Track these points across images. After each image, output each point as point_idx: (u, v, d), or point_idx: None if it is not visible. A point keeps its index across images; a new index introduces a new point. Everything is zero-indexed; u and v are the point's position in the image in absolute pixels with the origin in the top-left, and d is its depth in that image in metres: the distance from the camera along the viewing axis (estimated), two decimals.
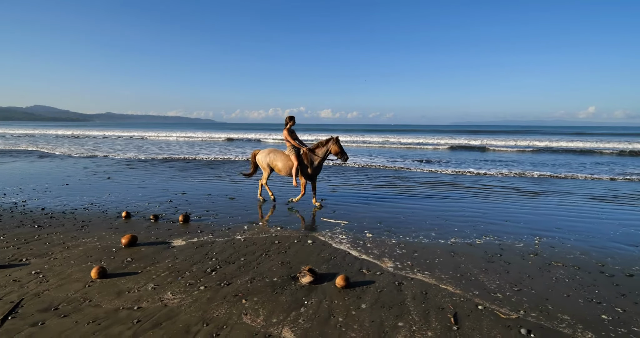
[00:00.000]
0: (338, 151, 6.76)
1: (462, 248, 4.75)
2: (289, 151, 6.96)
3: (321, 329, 2.73)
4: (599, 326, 2.87)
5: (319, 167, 6.95)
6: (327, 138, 6.93)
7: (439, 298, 3.31)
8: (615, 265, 4.24)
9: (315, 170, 6.93)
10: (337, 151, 6.77)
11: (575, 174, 12.14)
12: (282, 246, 4.70)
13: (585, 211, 6.94)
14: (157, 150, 20.31)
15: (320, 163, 6.92)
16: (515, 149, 22.76)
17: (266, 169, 7.32)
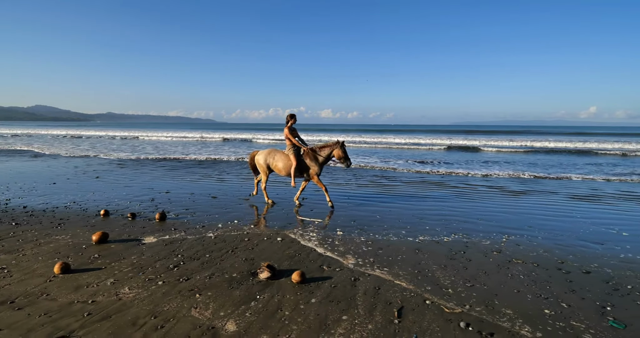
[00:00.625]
0: (342, 156, 6.71)
1: (428, 245, 4.83)
2: (288, 150, 6.87)
3: (265, 322, 2.81)
4: (538, 320, 2.94)
5: (320, 167, 6.88)
6: (334, 140, 6.87)
7: (390, 293, 3.38)
8: (575, 262, 4.31)
9: (319, 168, 6.86)
10: (341, 156, 6.71)
11: (562, 174, 12.21)
12: (251, 243, 4.79)
13: (562, 210, 7.01)
14: (151, 150, 20.43)
15: (322, 164, 6.86)
16: (510, 150, 22.79)
17: (265, 173, 7.17)
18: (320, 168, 6.85)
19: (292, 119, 6.90)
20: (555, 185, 10.05)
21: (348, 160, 6.73)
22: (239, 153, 19.10)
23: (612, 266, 4.21)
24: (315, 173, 6.82)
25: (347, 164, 6.71)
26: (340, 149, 6.71)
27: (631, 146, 25.33)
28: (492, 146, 25.64)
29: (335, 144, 6.78)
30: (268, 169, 7.14)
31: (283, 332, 2.68)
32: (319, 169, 6.81)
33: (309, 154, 6.82)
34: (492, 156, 19.80)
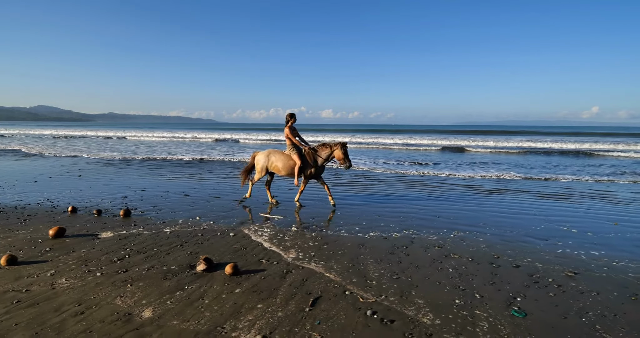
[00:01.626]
0: (341, 157, 6.66)
1: (375, 241, 4.99)
2: (289, 150, 6.84)
3: (181, 309, 2.99)
4: (445, 309, 3.10)
5: (321, 168, 6.90)
6: (335, 141, 6.85)
7: (315, 284, 3.55)
8: (510, 257, 4.46)
9: (317, 170, 6.86)
10: (341, 157, 6.66)
11: (542, 175, 12.30)
12: (203, 238, 4.96)
13: (524, 208, 7.14)
14: (144, 150, 20.65)
15: (322, 164, 6.86)
16: (502, 151, 22.83)
17: (260, 172, 7.13)
18: (318, 169, 6.85)
19: (292, 118, 6.89)
20: (531, 185, 10.17)
21: (348, 162, 6.67)
22: (227, 153, 19.30)
23: (544, 260, 4.36)
24: (310, 173, 6.83)
25: (346, 166, 6.68)
26: (341, 150, 6.66)
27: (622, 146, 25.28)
28: (485, 147, 25.69)
29: (335, 145, 6.74)
30: (266, 169, 7.08)
31: (194, 318, 2.85)
32: (314, 170, 6.81)
33: (309, 154, 6.82)
34: (483, 157, 19.91)
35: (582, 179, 11.22)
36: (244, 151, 21.38)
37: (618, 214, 6.78)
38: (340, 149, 6.65)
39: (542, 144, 27.46)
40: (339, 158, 6.65)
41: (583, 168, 14.08)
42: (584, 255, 4.57)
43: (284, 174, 6.94)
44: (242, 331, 2.68)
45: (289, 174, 6.85)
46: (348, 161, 6.66)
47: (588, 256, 4.51)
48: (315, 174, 6.90)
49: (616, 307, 3.21)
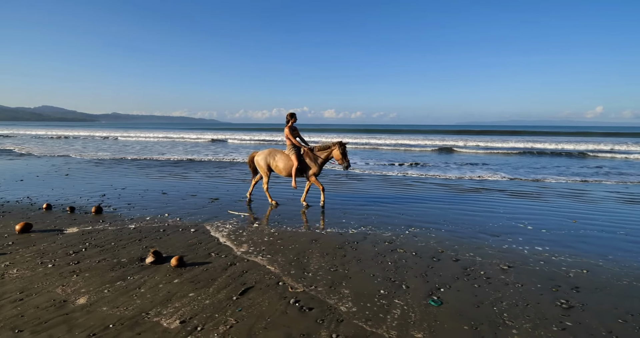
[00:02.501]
0: (340, 157, 6.63)
1: (329, 237, 5.17)
2: (288, 150, 6.81)
3: (115, 297, 3.19)
4: (365, 298, 3.28)
5: (320, 167, 6.86)
6: (334, 141, 6.83)
7: (253, 276, 3.74)
8: (454, 252, 4.62)
9: (319, 169, 6.85)
10: (339, 157, 6.64)
11: (524, 176, 12.41)
12: (163, 234, 5.16)
13: (491, 206, 7.28)
14: (138, 150, 20.94)
15: (321, 164, 6.84)
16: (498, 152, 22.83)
17: (266, 173, 7.04)
18: (319, 169, 6.82)
19: (293, 118, 6.85)
20: (508, 184, 10.28)
21: (346, 162, 6.64)
22: (218, 153, 19.53)
23: (486, 255, 4.51)
24: (313, 173, 6.79)
25: (345, 166, 6.63)
26: (339, 149, 6.62)
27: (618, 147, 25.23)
28: (480, 147, 25.71)
29: (334, 145, 6.71)
30: (269, 169, 7.03)
31: (124, 305, 3.05)
32: (317, 169, 6.78)
33: (309, 154, 6.78)
34: (475, 157, 19.99)
35: (562, 179, 11.31)
36: (239, 151, 21.60)
37: (581, 212, 6.91)
38: (339, 148, 6.62)
39: (538, 145, 27.41)
40: (337, 157, 6.63)
41: (569, 168, 14.15)
42: (527, 250, 4.72)
43: (284, 175, 6.90)
44: (164, 316, 2.87)
45: (290, 174, 6.82)
46: (346, 161, 6.63)
47: (530, 251, 4.66)
48: (305, 172, 6.88)
49: (532, 297, 3.36)
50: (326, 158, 6.77)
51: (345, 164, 6.61)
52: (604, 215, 6.72)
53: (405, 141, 31.15)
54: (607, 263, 4.29)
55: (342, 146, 6.63)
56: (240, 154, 18.73)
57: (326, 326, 2.78)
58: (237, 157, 17.15)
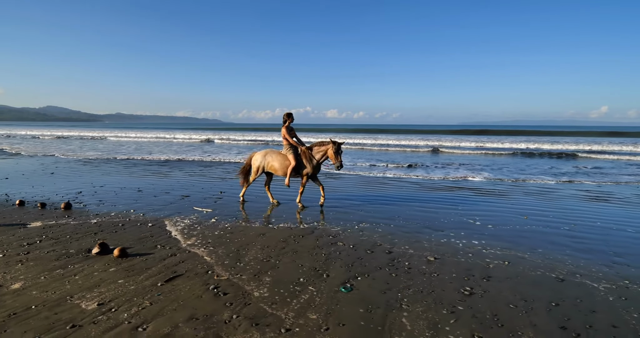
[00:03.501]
0: (333, 156, 6.60)
1: (278, 231, 5.41)
2: (285, 150, 6.87)
3: (49, 283, 3.45)
4: (282, 285, 3.52)
5: (317, 167, 6.87)
6: (328, 140, 6.80)
7: (187, 265, 3.99)
8: (390, 245, 4.84)
9: (314, 170, 6.84)
10: (332, 156, 6.60)
11: (504, 176, 12.57)
12: (121, 228, 5.43)
13: (452, 203, 7.49)
14: (131, 150, 21.32)
15: (318, 164, 6.86)
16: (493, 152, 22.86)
17: (255, 173, 7.17)
18: (314, 169, 6.83)
19: (290, 118, 6.91)
20: (482, 184, 10.46)
21: (339, 162, 6.59)
22: (209, 153, 19.84)
23: (420, 248, 4.73)
24: (307, 173, 6.83)
25: (337, 166, 6.59)
26: (333, 148, 6.59)
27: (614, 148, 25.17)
28: (474, 148, 25.75)
29: (328, 144, 6.70)
30: (262, 170, 7.14)
31: (53, 290, 3.31)
32: (311, 170, 6.80)
33: (306, 153, 6.80)
34: (466, 158, 20.13)
35: (540, 179, 11.47)
36: (230, 151, 21.89)
37: (538, 209, 7.10)
38: (333, 147, 6.59)
39: (532, 145, 27.32)
40: (331, 156, 6.61)
41: (553, 169, 14.24)
42: (463, 243, 4.94)
43: (280, 175, 6.99)
44: (86, 299, 3.13)
45: (285, 173, 6.87)
46: (339, 160, 6.57)
47: (465, 245, 4.88)
48: (312, 174, 6.90)
49: (440, 285, 3.59)
50: (322, 157, 6.78)
51: (338, 164, 6.59)
52: (558, 211, 6.92)
53: (402, 142, 31.28)
54: (533, 256, 4.50)
55: (335, 145, 6.61)
56: (229, 155, 19.02)
57: (232, 308, 3.03)
58: (225, 157, 17.43)
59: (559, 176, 12.03)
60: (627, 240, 5.23)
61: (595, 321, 2.94)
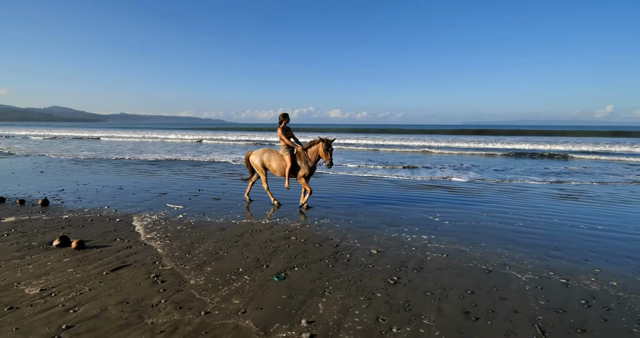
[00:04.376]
0: (323, 154, 6.55)
1: (239, 226, 5.64)
2: (282, 151, 6.85)
3: (1, 271, 3.71)
4: (220, 274, 3.74)
5: (313, 168, 6.85)
6: (318, 138, 6.71)
7: (139, 256, 4.23)
8: (340, 239, 5.05)
9: (310, 171, 6.82)
10: (322, 154, 6.56)
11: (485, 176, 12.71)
12: (88, 223, 5.69)
13: (419, 200, 7.69)
14: (126, 150, 21.67)
15: (313, 165, 6.82)
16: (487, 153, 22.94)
17: (262, 172, 7.10)
18: (309, 171, 6.81)
19: (285, 119, 6.86)
20: (461, 183, 10.63)
21: (329, 160, 6.53)
22: (201, 153, 20.13)
23: (368, 242, 4.94)
24: (303, 174, 6.80)
25: (327, 164, 6.55)
26: (323, 146, 6.53)
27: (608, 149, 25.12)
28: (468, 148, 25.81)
29: (318, 142, 6.65)
30: (264, 168, 7.10)
31: (3, 277, 3.56)
32: (307, 171, 6.77)
33: (301, 155, 6.78)
34: (457, 158, 20.25)
35: (523, 179, 11.61)
36: (226, 151, 22.16)
37: (502, 206, 7.28)
38: (323, 144, 6.54)
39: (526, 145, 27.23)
40: (321, 154, 6.56)
41: (538, 169, 14.37)
42: (412, 238, 5.14)
43: (278, 175, 6.96)
44: (31, 286, 3.38)
45: (283, 174, 6.86)
46: (329, 158, 6.53)
47: (413, 239, 5.08)
48: (307, 175, 6.88)
49: (370, 275, 3.81)
50: (315, 158, 6.74)
51: (328, 162, 6.53)
52: (520, 209, 7.10)
53: (396, 142, 31.40)
54: (473, 249, 4.70)
55: (325, 142, 6.55)
56: (220, 154, 19.29)
57: (164, 294, 3.27)
58: (216, 157, 17.71)
59: (545, 175, 12.12)
60: (573, 235, 5.41)
61: (500, 307, 3.15)
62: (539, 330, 2.77)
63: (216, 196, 7.96)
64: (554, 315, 3.02)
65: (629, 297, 3.38)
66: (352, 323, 2.81)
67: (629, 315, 3.05)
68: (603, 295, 3.41)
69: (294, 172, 6.81)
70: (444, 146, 27.31)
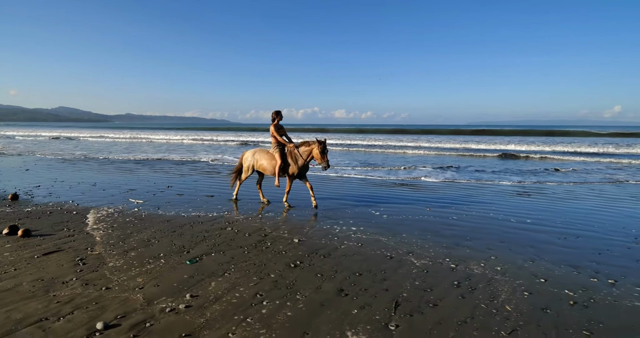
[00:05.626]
0: (319, 156, 6.46)
1: (184, 218, 6.02)
2: (273, 149, 6.84)
3: None
4: (141, 258, 4.13)
5: (304, 167, 6.77)
6: (313, 139, 6.73)
7: (75, 244, 4.63)
8: (272, 230, 5.43)
9: (301, 169, 6.76)
10: (318, 156, 6.46)
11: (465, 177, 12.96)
12: (45, 215, 6.11)
13: (371, 197, 8.02)
14: (119, 150, 22.22)
15: (303, 165, 6.75)
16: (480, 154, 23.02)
17: (246, 171, 7.21)
18: (299, 169, 6.75)
19: (278, 116, 6.84)
20: (428, 182, 10.93)
21: (325, 162, 6.45)
22: (193, 151, 20.60)
23: (297, 232, 5.30)
24: (292, 172, 6.74)
25: (323, 166, 6.47)
26: (318, 148, 6.46)
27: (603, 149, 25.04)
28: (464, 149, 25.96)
29: (313, 143, 6.61)
30: (252, 169, 7.18)
31: None
32: (296, 170, 6.72)
33: (292, 152, 6.73)
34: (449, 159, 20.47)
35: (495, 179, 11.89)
36: (217, 150, 22.62)
37: (448, 202, 7.59)
38: (318, 147, 6.47)
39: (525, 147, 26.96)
40: (317, 157, 6.48)
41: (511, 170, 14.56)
42: (342, 230, 5.47)
43: (269, 174, 6.96)
44: None
45: (274, 173, 6.85)
46: (325, 160, 6.44)
47: (341, 231, 5.43)
48: (299, 174, 6.86)
49: (277, 260, 4.18)
50: (308, 158, 6.69)
51: (324, 164, 6.45)
52: (465, 204, 7.41)
53: (388, 143, 31.61)
54: (391, 239, 5.06)
55: (321, 144, 6.47)
56: (209, 154, 19.73)
57: (78, 274, 3.67)
58: (204, 156, 18.15)
59: (523, 175, 12.21)
60: (496, 227, 5.74)
61: (374, 287, 3.51)
62: (395, 304, 3.13)
63: (182, 192, 8.37)
64: (419, 293, 3.38)
65: (500, 279, 3.72)
66: (231, 298, 3.19)
67: (487, 293, 3.40)
68: (478, 278, 3.75)
69: (285, 170, 6.80)
70: (434, 147, 27.51)
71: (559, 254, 4.54)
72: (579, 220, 6.28)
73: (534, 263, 4.23)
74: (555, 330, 2.79)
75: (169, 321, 2.77)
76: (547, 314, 3.03)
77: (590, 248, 4.77)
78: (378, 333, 2.68)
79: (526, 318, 2.95)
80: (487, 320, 2.91)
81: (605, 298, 3.34)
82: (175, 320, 2.78)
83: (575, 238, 5.25)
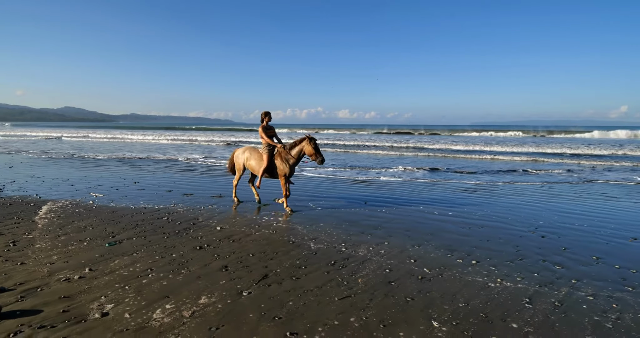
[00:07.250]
0: (312, 152, 6.49)
1: (132, 210, 6.53)
2: (262, 150, 6.88)
3: None
4: (66, 241, 4.67)
5: (292, 167, 6.75)
6: (301, 137, 6.68)
7: (17, 229, 5.18)
8: (205, 220, 5.93)
9: (291, 169, 6.74)
10: (312, 152, 6.49)
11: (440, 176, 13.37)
12: (5, 206, 6.68)
13: (318, 192, 8.49)
14: (113, 149, 22.86)
15: (294, 164, 6.72)
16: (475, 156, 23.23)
17: (240, 170, 7.25)
18: (291, 169, 6.75)
19: (267, 117, 6.85)
20: (384, 181, 11.39)
21: (320, 156, 6.50)
22: (185, 149, 21.18)
23: (226, 222, 5.79)
24: (284, 173, 6.69)
25: (319, 161, 6.46)
26: (310, 144, 6.49)
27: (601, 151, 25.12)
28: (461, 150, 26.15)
29: (303, 141, 6.60)
30: (244, 167, 7.23)
31: None
32: (288, 170, 6.68)
33: (282, 154, 6.70)
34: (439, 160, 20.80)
35: (455, 180, 12.31)
36: (206, 149, 23.16)
37: (389, 197, 8.05)
38: (309, 143, 6.51)
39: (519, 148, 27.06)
40: (310, 153, 6.49)
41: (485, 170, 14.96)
42: (266, 219, 5.98)
43: (256, 174, 7.00)
44: None
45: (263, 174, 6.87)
46: (320, 155, 6.51)
47: (265, 221, 5.92)
48: (290, 174, 6.84)
49: (186, 244, 4.69)
50: (298, 156, 6.67)
51: (320, 158, 6.48)
52: (403, 199, 7.89)
53: (376, 143, 31.91)
54: (305, 228, 5.54)
55: (311, 141, 6.53)
56: (195, 153, 20.29)
57: (5, 252, 4.22)
58: (189, 155, 18.72)
59: (493, 175, 12.47)
60: (414, 218, 6.21)
61: (256, 263, 4.03)
62: (263, 277, 3.65)
63: (144, 187, 8.91)
64: (292, 270, 3.89)
65: (374, 260, 4.23)
66: (123, 272, 3.73)
67: (352, 270, 3.91)
68: (356, 259, 4.26)
69: (270, 172, 6.85)
70: (419, 147, 27.78)
71: (449, 241, 5.01)
72: (498, 213, 6.73)
73: (419, 247, 4.71)
74: (384, 296, 3.29)
75: (58, 288, 3.30)
76: (389, 285, 3.53)
77: (483, 237, 5.23)
78: (228, 298, 3.20)
79: (366, 288, 3.46)
80: (331, 289, 3.42)
81: (454, 275, 3.82)
82: (64, 287, 3.32)
83: (479, 228, 5.71)
